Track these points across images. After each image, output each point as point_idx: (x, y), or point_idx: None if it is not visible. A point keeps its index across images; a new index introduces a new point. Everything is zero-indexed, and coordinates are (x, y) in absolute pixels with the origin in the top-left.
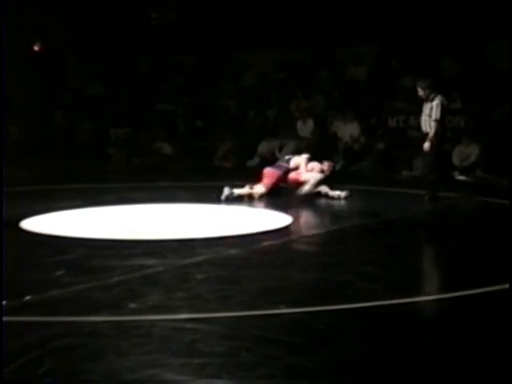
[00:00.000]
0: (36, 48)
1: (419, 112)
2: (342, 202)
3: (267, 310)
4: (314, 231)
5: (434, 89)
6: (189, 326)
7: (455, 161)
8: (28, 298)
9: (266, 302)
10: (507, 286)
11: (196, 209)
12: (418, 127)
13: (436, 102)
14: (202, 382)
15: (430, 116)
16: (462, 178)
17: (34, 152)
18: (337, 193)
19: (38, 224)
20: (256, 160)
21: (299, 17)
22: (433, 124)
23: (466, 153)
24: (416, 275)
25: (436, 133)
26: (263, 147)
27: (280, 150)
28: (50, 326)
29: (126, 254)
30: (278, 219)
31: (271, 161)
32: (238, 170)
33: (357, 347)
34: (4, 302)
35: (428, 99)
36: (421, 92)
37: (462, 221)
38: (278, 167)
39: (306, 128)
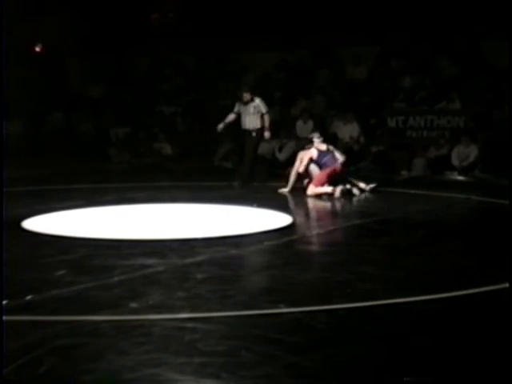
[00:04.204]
0: (37, 49)
1: (419, 112)
2: (342, 203)
3: (267, 310)
4: (314, 231)
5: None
6: (189, 325)
7: (454, 161)
8: (29, 297)
9: (266, 301)
10: (507, 285)
11: (196, 209)
12: (418, 128)
13: (258, 100)
14: (202, 382)
15: (256, 113)
16: (461, 178)
17: (34, 152)
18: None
19: (39, 224)
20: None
21: (299, 17)
22: (266, 116)
23: (465, 153)
24: (415, 275)
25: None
26: (263, 147)
27: (280, 149)
28: (51, 326)
29: (126, 254)
30: (277, 219)
31: (271, 161)
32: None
33: (356, 347)
34: (4, 302)
35: (251, 100)
36: (247, 96)
37: (461, 221)
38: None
39: (306, 128)
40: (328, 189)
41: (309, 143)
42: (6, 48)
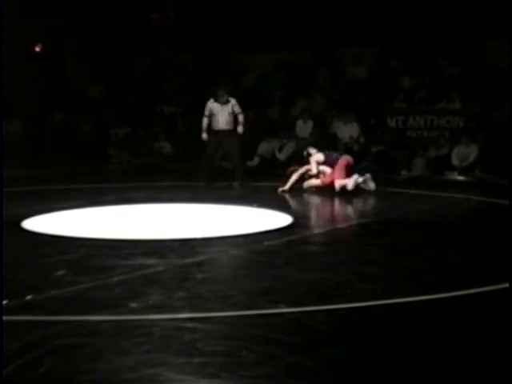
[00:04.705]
0: (37, 49)
1: (419, 112)
2: (343, 202)
3: (267, 310)
4: (314, 231)
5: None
6: (189, 325)
7: (454, 161)
8: (29, 297)
9: (266, 301)
10: (507, 285)
11: (196, 209)
12: (418, 128)
13: (234, 100)
14: (202, 382)
15: (232, 113)
16: (461, 178)
17: (34, 152)
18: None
19: (39, 224)
20: (256, 160)
21: (299, 17)
22: (241, 116)
23: (465, 153)
24: (415, 275)
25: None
26: (263, 147)
27: (280, 150)
28: (51, 326)
29: (126, 254)
30: (277, 219)
31: (271, 161)
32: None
33: (356, 347)
34: (4, 302)
35: (227, 102)
36: (226, 96)
37: (461, 221)
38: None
39: (306, 128)
40: (348, 181)
41: (307, 153)
42: (6, 48)
